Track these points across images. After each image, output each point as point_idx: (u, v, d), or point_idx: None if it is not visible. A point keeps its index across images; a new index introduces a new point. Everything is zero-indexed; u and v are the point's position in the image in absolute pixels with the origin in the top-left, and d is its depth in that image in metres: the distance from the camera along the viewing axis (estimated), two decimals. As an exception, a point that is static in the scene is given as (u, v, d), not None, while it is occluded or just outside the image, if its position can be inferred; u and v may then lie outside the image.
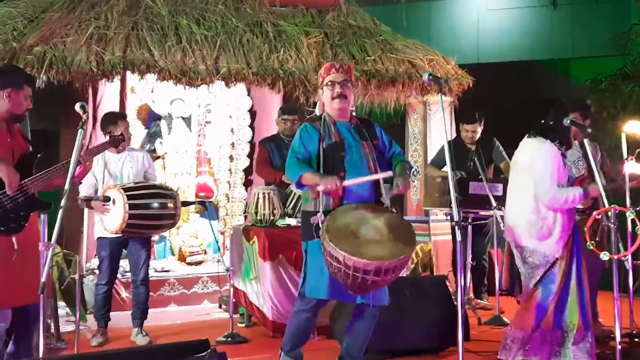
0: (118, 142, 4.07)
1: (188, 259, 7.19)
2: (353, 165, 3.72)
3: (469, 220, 5.65)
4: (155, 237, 7.29)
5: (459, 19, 12.86)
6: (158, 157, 7.40)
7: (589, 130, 4.15)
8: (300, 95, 6.49)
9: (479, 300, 6.31)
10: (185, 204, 5.58)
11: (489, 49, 12.35)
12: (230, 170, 7.80)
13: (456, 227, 3.41)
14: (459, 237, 3.41)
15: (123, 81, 6.30)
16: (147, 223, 4.92)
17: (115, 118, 5.11)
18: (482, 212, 5.71)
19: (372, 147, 3.83)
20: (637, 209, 4.52)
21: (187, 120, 7.52)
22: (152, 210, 4.90)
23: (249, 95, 7.73)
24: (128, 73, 6.01)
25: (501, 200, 5.09)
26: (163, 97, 7.31)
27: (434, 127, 7.14)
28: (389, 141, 3.98)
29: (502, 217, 4.96)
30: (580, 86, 9.93)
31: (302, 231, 3.87)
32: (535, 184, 4.09)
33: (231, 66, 5.99)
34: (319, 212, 3.64)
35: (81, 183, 4.97)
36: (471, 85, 6.99)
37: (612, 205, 3.92)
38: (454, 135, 6.78)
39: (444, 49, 7.32)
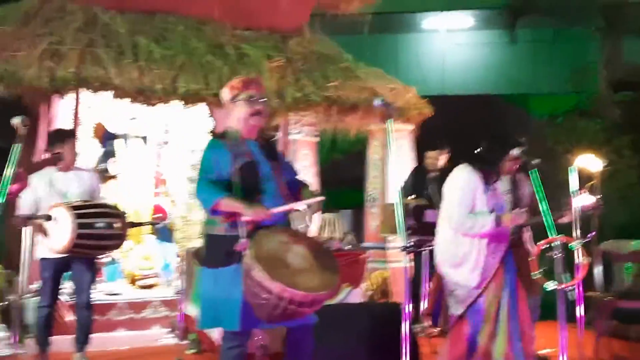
0: (54, 162, 3.85)
1: (139, 282, 6.98)
2: (268, 187, 3.48)
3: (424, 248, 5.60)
4: (106, 260, 7.12)
5: (425, 52, 13.07)
6: (112, 177, 7.25)
7: (536, 162, 4.14)
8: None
9: (433, 330, 6.26)
10: (134, 224, 5.43)
11: (454, 81, 12.53)
12: (188, 192, 7.67)
13: (405, 253, 3.39)
14: (405, 263, 3.38)
15: (77, 99, 6.17)
16: (92, 243, 4.72)
17: (62, 136, 4.96)
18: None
19: (280, 167, 3.59)
20: (584, 240, 4.57)
21: (144, 140, 7.39)
22: (98, 230, 4.71)
23: (211, 116, 7.66)
24: (86, 91, 5.88)
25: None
26: (120, 116, 7.18)
27: (394, 154, 7.13)
28: (288, 163, 3.82)
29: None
30: (538, 121, 10.12)
31: (208, 257, 3.54)
32: (447, 209, 4.08)
33: (190, 86, 5.91)
34: (233, 235, 3.33)
35: (19, 198, 4.79)
36: (431, 115, 7.02)
37: (558, 236, 3.92)
38: (414, 163, 6.83)
39: (410, 80, 7.38)
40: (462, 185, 4.06)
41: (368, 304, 5.46)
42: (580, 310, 4.44)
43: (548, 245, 4.07)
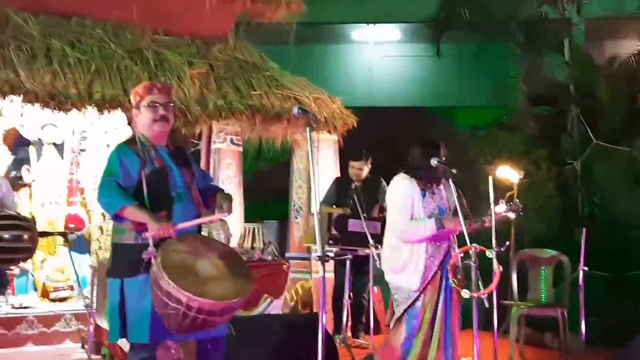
0: None
1: (52, 295, 6.71)
2: (178, 195, 3.38)
3: (348, 257, 5.60)
4: (16, 271, 6.80)
5: (353, 64, 13.17)
6: (25, 185, 6.94)
7: (454, 171, 4.21)
8: (182, 127, 6.29)
9: (355, 339, 6.26)
10: (44, 234, 5.21)
11: (382, 93, 12.67)
12: (106, 201, 7.44)
13: (319, 263, 3.36)
14: (321, 273, 3.34)
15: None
16: (-1, 257, 4.53)
17: None
18: (360, 250, 5.69)
19: (191, 174, 3.51)
20: (502, 249, 4.65)
21: (60, 147, 7.11)
22: (4, 242, 4.52)
23: (129, 124, 7.45)
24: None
25: (379, 238, 5.10)
26: (34, 122, 6.88)
27: (319, 164, 7.13)
28: (201, 170, 3.75)
29: (378, 255, 4.96)
30: (463, 133, 10.32)
31: (115, 267, 3.42)
32: (389, 217, 4.22)
33: (105, 92, 5.73)
34: (139, 244, 3.24)
35: None
36: (357, 125, 7.04)
37: (473, 244, 3.98)
38: (338, 173, 6.84)
39: (339, 91, 7.40)
40: (400, 192, 4.18)
41: (287, 315, 5.40)
42: (494, 318, 4.54)
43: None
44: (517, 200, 5.35)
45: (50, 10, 6.19)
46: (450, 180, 4.38)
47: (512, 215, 5.57)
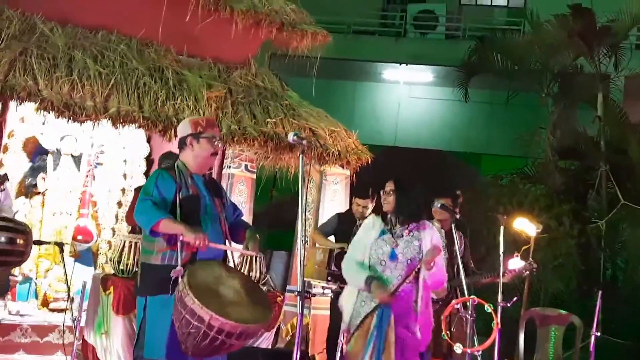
0: None
1: (52, 305, 6.67)
2: (207, 221, 3.60)
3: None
4: (19, 277, 6.81)
5: (382, 102, 13.19)
6: (38, 193, 6.99)
7: (457, 216, 4.08)
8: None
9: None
10: (39, 242, 5.19)
11: (408, 134, 12.62)
12: (117, 216, 7.43)
13: (298, 298, 3.28)
14: (299, 310, 3.27)
15: (4, 108, 5.96)
16: (-10, 258, 4.51)
17: None
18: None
19: (222, 205, 3.74)
20: (508, 304, 4.45)
21: (77, 159, 7.17)
22: (-2, 244, 4.50)
23: (148, 142, 7.48)
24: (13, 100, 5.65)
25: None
26: (54, 132, 6.97)
27: (328, 197, 7.04)
28: (233, 204, 3.95)
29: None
30: (487, 181, 10.14)
31: (143, 285, 3.58)
32: None
33: (121, 106, 5.73)
34: (168, 265, 3.44)
35: None
36: (372, 162, 6.93)
37: (471, 297, 3.83)
38: (347, 207, 6.70)
39: (365, 128, 7.36)
40: (359, 231, 4.17)
41: (271, 350, 5.23)
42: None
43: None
44: (532, 260, 5.17)
45: (78, 22, 6.25)
46: (454, 228, 4.27)
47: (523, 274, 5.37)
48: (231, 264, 3.74)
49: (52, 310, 6.61)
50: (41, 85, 5.53)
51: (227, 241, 3.72)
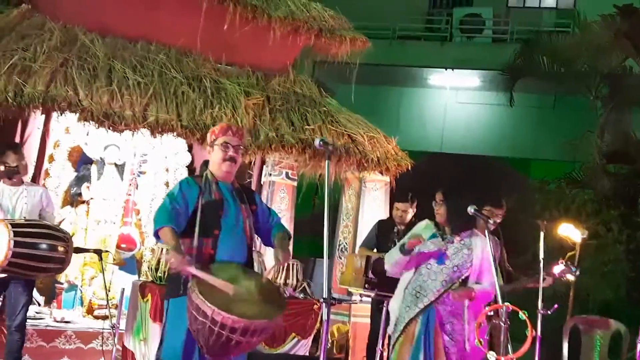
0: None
1: (96, 312, 6.78)
2: (228, 226, 3.63)
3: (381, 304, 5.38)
4: (65, 285, 6.95)
5: (428, 108, 13.03)
6: (83, 202, 7.12)
7: (490, 221, 3.97)
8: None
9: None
10: (79, 250, 5.28)
11: (453, 140, 12.43)
12: (160, 224, 7.52)
13: (324, 305, 3.23)
14: (325, 316, 3.24)
15: (48, 118, 6.10)
16: (32, 264, 4.61)
17: (12, 148, 4.89)
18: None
19: (250, 211, 3.76)
20: (549, 312, 4.33)
21: (120, 168, 7.28)
22: (39, 250, 4.61)
23: (189, 151, 7.56)
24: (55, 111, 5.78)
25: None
26: (98, 141, 7.10)
27: (367, 204, 6.97)
28: (268, 209, 3.96)
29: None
30: (534, 186, 9.88)
31: (167, 288, 3.69)
32: None
33: (160, 115, 5.80)
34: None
35: None
36: (409, 168, 6.82)
37: (505, 303, 3.70)
38: (387, 215, 6.62)
39: (411, 134, 7.29)
40: (411, 231, 4.25)
41: (308, 357, 5.19)
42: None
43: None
44: (569, 262, 5.01)
45: (118, 33, 6.38)
46: (487, 233, 4.18)
47: (570, 278, 5.21)
48: (268, 268, 3.77)
49: (97, 318, 6.70)
50: (81, 96, 5.65)
51: (254, 244, 3.78)
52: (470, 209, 4.05)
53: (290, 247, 3.89)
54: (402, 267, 4.06)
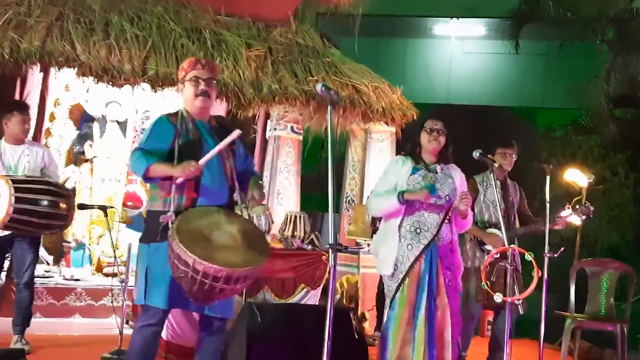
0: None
1: (105, 269, 6.81)
2: (209, 166, 3.43)
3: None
4: (73, 244, 6.96)
5: (433, 59, 12.82)
6: (87, 161, 7.09)
7: (496, 165, 3.92)
8: (234, 109, 6.22)
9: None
10: (83, 207, 5.25)
11: (460, 91, 12.27)
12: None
13: (330, 251, 3.17)
14: (331, 262, 3.14)
15: (46, 75, 6.01)
16: (34, 221, 4.55)
17: (11, 107, 4.83)
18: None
19: (230, 151, 3.58)
20: (555, 255, 4.31)
21: (123, 125, 7.22)
22: (41, 207, 4.53)
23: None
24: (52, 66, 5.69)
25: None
26: (98, 99, 7.02)
27: (373, 156, 6.89)
28: (245, 152, 3.78)
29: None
30: (540, 134, 9.79)
31: (145, 233, 3.52)
32: None
33: (159, 69, 5.71)
34: (169, 211, 3.34)
35: None
36: (415, 118, 6.72)
37: (511, 246, 3.68)
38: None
39: (417, 86, 7.15)
40: (384, 171, 4.08)
41: (317, 307, 5.19)
42: (542, 329, 4.20)
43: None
44: (587, 203, 5.00)
45: (113, -16, 6.25)
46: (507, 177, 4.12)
47: (577, 221, 5.19)
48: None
49: (107, 275, 6.74)
50: (79, 50, 5.56)
51: (234, 186, 3.54)
52: (476, 153, 3.99)
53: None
54: (392, 213, 3.91)
